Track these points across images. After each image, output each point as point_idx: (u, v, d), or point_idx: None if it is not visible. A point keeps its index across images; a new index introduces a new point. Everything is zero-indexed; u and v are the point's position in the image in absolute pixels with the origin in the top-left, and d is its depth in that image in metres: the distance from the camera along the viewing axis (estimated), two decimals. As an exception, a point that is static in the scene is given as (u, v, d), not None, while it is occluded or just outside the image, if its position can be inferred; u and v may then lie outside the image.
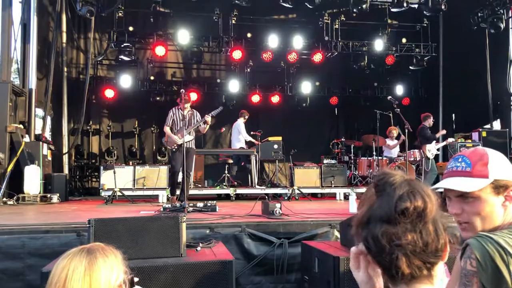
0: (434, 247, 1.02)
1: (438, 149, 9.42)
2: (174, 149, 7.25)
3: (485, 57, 10.89)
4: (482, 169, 1.56)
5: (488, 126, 10.87)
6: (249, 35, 12.04)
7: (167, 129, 7.29)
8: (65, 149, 10.94)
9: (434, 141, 9.13)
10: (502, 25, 10.42)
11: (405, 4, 10.33)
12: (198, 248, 3.66)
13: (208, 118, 7.24)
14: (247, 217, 5.21)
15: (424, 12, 10.88)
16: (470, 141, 9.99)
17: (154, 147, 12.62)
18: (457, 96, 12.09)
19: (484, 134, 9.75)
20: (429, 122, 9.28)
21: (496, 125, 11.13)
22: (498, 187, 1.55)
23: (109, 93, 11.73)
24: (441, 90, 12.87)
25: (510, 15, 10.75)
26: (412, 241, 1.00)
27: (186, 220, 3.51)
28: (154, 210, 6.20)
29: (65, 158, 10.91)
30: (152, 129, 12.57)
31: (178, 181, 7.46)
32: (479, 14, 10.85)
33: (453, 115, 12.27)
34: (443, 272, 1.77)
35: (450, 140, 9.71)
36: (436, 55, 12.62)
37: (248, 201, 8.27)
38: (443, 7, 10.37)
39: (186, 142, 6.97)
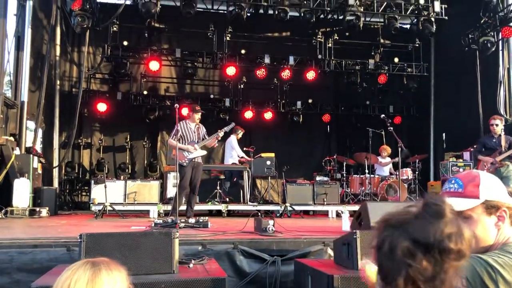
0: (439, 284, 1.03)
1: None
2: (184, 164, 6.98)
3: (475, 78, 11.03)
4: (473, 189, 1.62)
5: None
6: (243, 51, 12.12)
7: (173, 142, 6.85)
8: (55, 163, 10.83)
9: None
10: (492, 47, 10.60)
11: (397, 24, 10.46)
12: (191, 265, 3.61)
13: (221, 133, 7.22)
14: (239, 233, 5.16)
15: (416, 33, 11.07)
16: (461, 160, 10.05)
17: (145, 162, 12.54)
18: (448, 115, 12.21)
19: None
20: None
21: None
22: (490, 208, 1.60)
23: (102, 107, 11.68)
24: (432, 110, 13.00)
25: (500, 38, 10.94)
26: (424, 269, 1.02)
27: (178, 236, 3.47)
28: (145, 225, 6.12)
29: (55, 171, 10.79)
30: (144, 143, 12.51)
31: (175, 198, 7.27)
32: (470, 36, 11.04)
33: (444, 134, 12.36)
34: None
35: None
36: (427, 75, 12.78)
37: (240, 218, 8.23)
38: (433, 30, 10.53)
39: (198, 156, 6.92)
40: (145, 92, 12.41)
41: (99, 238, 3.15)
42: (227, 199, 9.56)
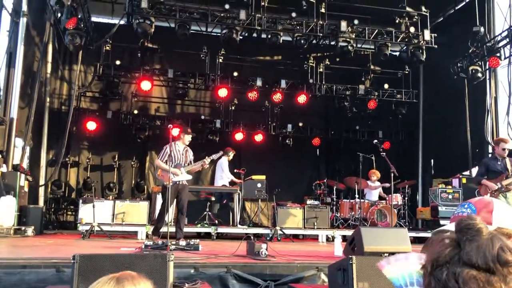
0: None
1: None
2: (168, 185, 6.93)
3: (464, 106, 11.22)
4: (487, 216, 1.59)
5: (467, 172, 11.07)
6: (235, 74, 12.20)
7: (160, 163, 6.97)
8: (42, 181, 10.65)
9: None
10: (481, 76, 10.82)
11: (388, 51, 10.65)
12: (184, 289, 3.54)
13: (208, 161, 7.18)
14: (232, 257, 5.09)
15: (405, 61, 11.28)
16: (450, 187, 10.13)
17: (133, 182, 12.39)
18: (437, 142, 12.36)
19: (464, 180, 9.92)
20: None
21: (475, 172, 11.33)
22: (501, 236, 1.58)
23: (91, 125, 11.59)
24: (421, 136, 13.15)
25: (487, 67, 11.19)
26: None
27: (173, 258, 3.41)
28: (135, 247, 6.00)
29: (41, 189, 10.61)
30: (132, 163, 12.39)
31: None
32: (458, 64, 11.26)
33: (432, 160, 12.49)
34: None
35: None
36: (416, 101, 12.96)
37: (229, 241, 8.13)
38: (422, 57, 10.74)
39: (184, 180, 6.87)
40: (135, 112, 12.35)
41: (93, 259, 3.07)
42: (217, 221, 9.46)
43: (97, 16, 11.85)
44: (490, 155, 11.20)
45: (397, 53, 11.75)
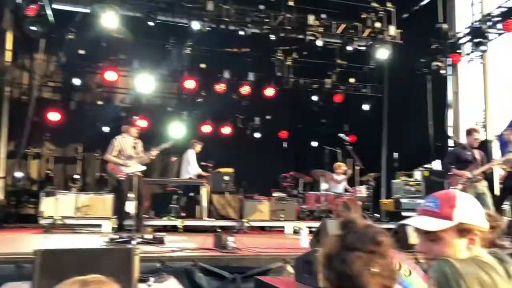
0: (394, 274, 1.27)
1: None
2: (122, 178, 6.98)
3: (426, 101, 11.51)
4: (448, 211, 1.65)
5: (429, 165, 11.39)
6: (202, 65, 12.08)
7: (110, 157, 7.04)
8: (1, 173, 10.28)
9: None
10: (443, 72, 11.12)
11: (353, 45, 10.77)
12: (150, 283, 3.50)
13: (155, 152, 7.15)
14: (198, 250, 5.07)
15: (371, 55, 11.45)
16: (412, 179, 10.39)
17: (97, 174, 12.14)
18: (400, 135, 12.62)
19: (426, 173, 10.20)
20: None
21: (436, 165, 11.69)
22: (462, 231, 1.64)
23: (53, 116, 11.25)
24: (385, 130, 13.41)
25: (449, 63, 11.51)
26: (383, 266, 1.23)
27: (139, 252, 3.36)
28: (99, 240, 5.90)
29: (1, 182, 10.24)
30: (96, 155, 12.11)
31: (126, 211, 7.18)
32: (421, 60, 11.53)
33: (396, 154, 12.76)
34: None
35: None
36: (381, 96, 13.20)
37: (196, 233, 8.10)
38: (388, 52, 10.92)
39: (137, 171, 6.79)
40: (100, 103, 12.07)
41: (55, 254, 3.00)
42: (183, 214, 9.39)
43: (60, 3, 11.45)
44: (451, 149, 11.60)
45: (363, 48, 11.90)
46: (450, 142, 11.81)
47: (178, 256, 4.58)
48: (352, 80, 13.05)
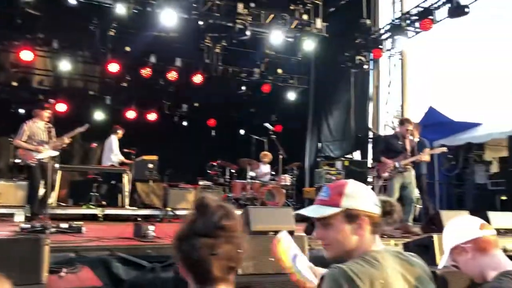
0: (237, 257, 1.32)
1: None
2: (33, 164, 6.62)
3: (349, 94, 11.95)
4: (336, 198, 1.74)
5: (350, 156, 11.86)
6: (127, 49, 11.64)
7: (20, 142, 6.77)
8: None
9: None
10: (365, 66, 11.58)
11: (280, 35, 10.88)
12: (62, 274, 3.33)
13: (67, 138, 6.86)
14: (116, 239, 4.91)
15: (299, 46, 11.65)
16: (334, 169, 10.76)
17: (11, 160, 11.34)
18: (324, 127, 13.04)
19: (346, 163, 10.60)
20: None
21: (357, 156, 12.20)
22: (350, 216, 1.72)
23: (-39, 97, 10.36)
24: (310, 121, 13.77)
25: (371, 58, 12.00)
26: (227, 250, 1.28)
27: (49, 242, 3.18)
28: (9, 230, 5.52)
29: None
30: (10, 139, 11.29)
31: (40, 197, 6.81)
32: (345, 54, 11.92)
33: (320, 144, 13.17)
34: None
35: None
36: (308, 87, 13.51)
37: (118, 223, 7.85)
38: (314, 45, 11.18)
39: (49, 157, 6.45)
40: (14, 84, 11.27)
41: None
42: (104, 202, 9.06)
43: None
44: (371, 140, 12.16)
45: (291, 39, 12.08)
46: (371, 134, 12.39)
47: (95, 246, 4.40)
48: (280, 70, 13.21)
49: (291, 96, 13.50)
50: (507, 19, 8.81)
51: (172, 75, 11.84)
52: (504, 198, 9.62)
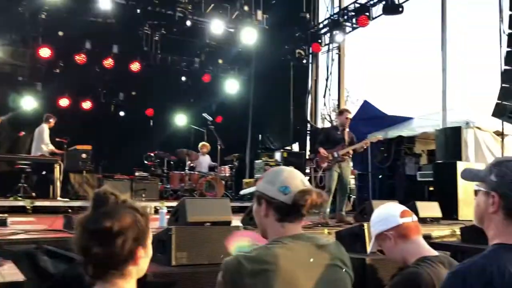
0: (119, 257, 1.28)
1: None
2: None
3: (289, 86, 12.11)
4: (260, 180, 1.84)
5: (289, 148, 12.06)
6: (60, 33, 11.09)
7: None
8: None
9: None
10: (304, 60, 11.79)
11: (221, 25, 10.81)
12: (-20, 269, 3.13)
13: None
14: (45, 232, 4.68)
15: (239, 37, 11.65)
16: (273, 160, 10.90)
17: None
18: (265, 119, 13.14)
19: (285, 154, 10.77)
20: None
21: (295, 147, 12.44)
22: (258, 198, 1.81)
23: None
24: (251, 112, 13.82)
25: (310, 52, 12.23)
26: (98, 253, 1.25)
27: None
28: None
29: None
30: None
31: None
32: (285, 47, 12.06)
33: (260, 135, 13.27)
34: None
35: None
36: (248, 78, 13.54)
37: (48, 215, 7.51)
38: (255, 36, 11.20)
39: None
40: None
41: None
42: (33, 194, 8.63)
43: None
44: (309, 132, 12.42)
45: (232, 30, 12.04)
46: (309, 126, 12.66)
47: (21, 239, 4.17)
48: (220, 61, 13.14)
49: (232, 87, 13.47)
50: (437, 20, 9.24)
51: (109, 62, 11.43)
52: (431, 188, 10.15)
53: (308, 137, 12.83)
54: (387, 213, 2.30)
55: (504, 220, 1.45)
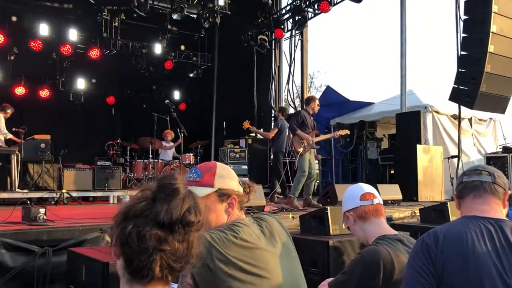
0: (189, 258, 1.07)
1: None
2: None
3: (253, 72, 12.09)
4: (209, 178, 1.81)
5: (253, 134, 12.05)
6: (14, 18, 10.65)
7: None
8: None
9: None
10: (267, 46, 11.76)
11: (183, 10, 10.60)
12: None
13: None
14: (2, 225, 4.54)
15: (202, 23, 11.49)
16: (238, 146, 10.89)
17: None
18: (229, 105, 13.08)
19: (250, 141, 10.76)
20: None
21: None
22: (222, 195, 1.79)
23: None
24: (215, 99, 13.73)
25: (273, 37, 12.22)
26: (176, 249, 1.03)
27: None
28: None
29: None
30: None
31: None
32: (249, 33, 12.00)
33: (224, 122, 13.22)
34: None
35: None
36: (211, 65, 13.42)
37: (6, 207, 7.27)
38: (217, 22, 11.07)
39: None
40: None
41: None
42: (-10, 186, 8.31)
43: None
44: (273, 118, 12.46)
45: (194, 16, 11.87)
46: (273, 113, 12.68)
47: (-24, 232, 4.03)
48: (182, 47, 12.96)
49: (195, 73, 13.33)
50: (396, 5, 9.35)
51: (66, 49, 11.07)
52: (393, 172, 10.44)
53: (272, 123, 12.87)
54: (348, 194, 2.39)
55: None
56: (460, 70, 7.80)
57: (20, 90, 11.11)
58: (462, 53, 7.77)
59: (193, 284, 1.59)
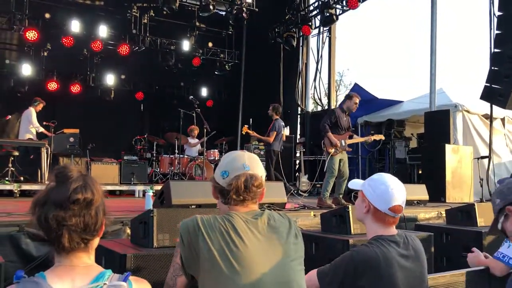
0: (92, 228, 1.32)
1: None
2: None
3: (280, 69, 12.03)
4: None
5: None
6: (47, 15, 10.91)
7: None
8: None
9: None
10: (294, 43, 11.68)
11: (211, 7, 10.64)
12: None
13: None
14: (28, 215, 4.66)
15: (230, 20, 11.52)
16: (263, 143, 10.86)
17: None
18: (255, 102, 13.06)
19: (275, 138, 10.70)
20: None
21: (286, 131, 12.40)
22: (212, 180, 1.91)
23: None
24: (242, 96, 13.75)
25: (300, 34, 12.12)
26: (75, 223, 1.28)
27: None
28: None
29: None
30: None
31: None
32: (276, 30, 11.95)
33: (251, 119, 13.21)
34: None
35: None
36: (239, 62, 13.43)
37: (34, 198, 7.47)
38: (245, 19, 11.08)
39: None
40: None
41: None
42: (21, 178, 8.57)
43: None
44: (299, 115, 12.36)
45: (223, 13, 11.90)
46: (299, 110, 12.61)
47: (2, 222, 4.15)
48: (210, 44, 13.02)
49: (222, 70, 13.36)
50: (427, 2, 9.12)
51: (97, 45, 11.27)
52: (420, 172, 10.20)
53: (298, 121, 12.80)
54: (381, 192, 2.19)
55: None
56: (492, 68, 7.53)
57: (52, 85, 11.40)
58: (495, 50, 7.51)
59: (181, 264, 1.72)
